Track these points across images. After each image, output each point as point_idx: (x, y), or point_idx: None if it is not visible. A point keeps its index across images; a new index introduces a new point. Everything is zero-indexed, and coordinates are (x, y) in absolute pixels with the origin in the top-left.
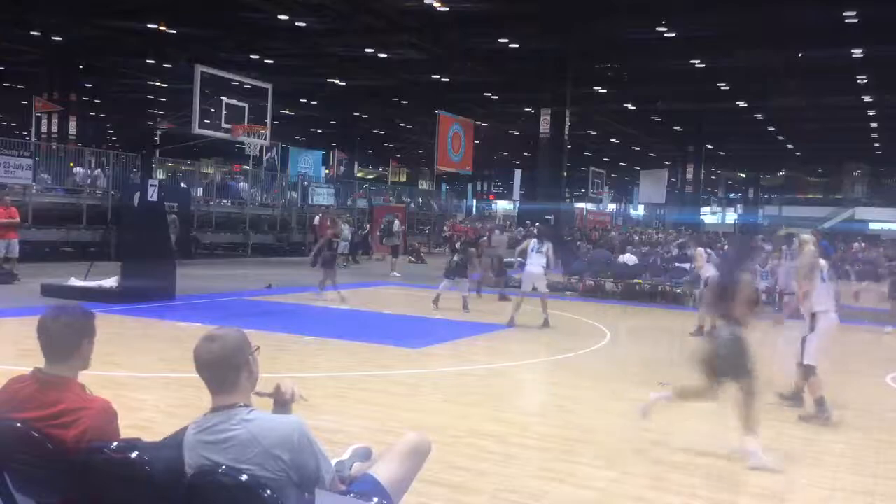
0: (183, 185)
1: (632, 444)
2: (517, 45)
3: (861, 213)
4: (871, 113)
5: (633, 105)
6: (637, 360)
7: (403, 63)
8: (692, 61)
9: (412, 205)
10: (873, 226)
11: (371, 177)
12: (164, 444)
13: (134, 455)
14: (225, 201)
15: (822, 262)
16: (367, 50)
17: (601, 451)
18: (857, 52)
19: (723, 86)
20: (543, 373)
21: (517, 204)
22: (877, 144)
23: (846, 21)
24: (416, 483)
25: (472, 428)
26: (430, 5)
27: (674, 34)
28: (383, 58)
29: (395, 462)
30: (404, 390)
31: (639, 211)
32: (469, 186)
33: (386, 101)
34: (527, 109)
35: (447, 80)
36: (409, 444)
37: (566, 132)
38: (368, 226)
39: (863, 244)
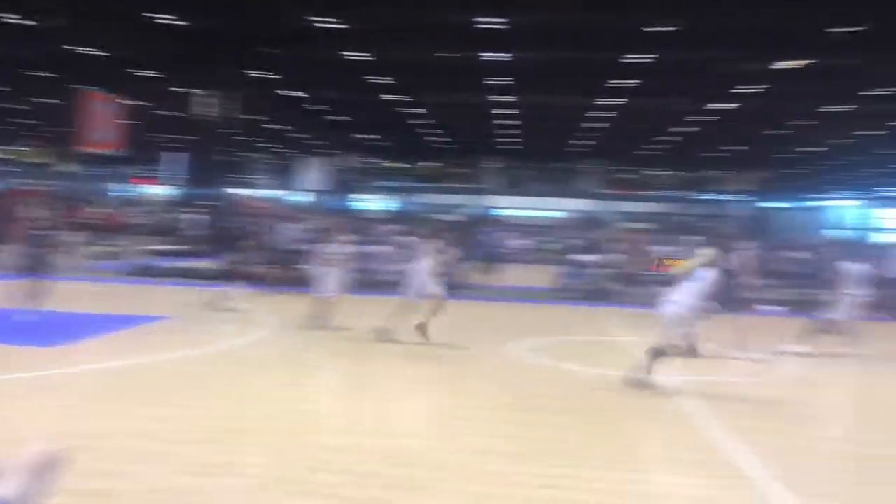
0: None
1: (290, 431)
2: (181, 22)
3: (494, 200)
4: (514, 112)
5: (298, 92)
6: (298, 348)
7: (46, 32)
8: (356, 53)
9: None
10: (503, 212)
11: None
12: None
13: None
14: None
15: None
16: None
17: (260, 439)
18: (499, 56)
19: (386, 79)
20: (203, 365)
21: (175, 189)
22: (508, 140)
23: (489, 28)
24: (58, 498)
25: (122, 428)
26: None
27: (346, 26)
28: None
29: (21, 478)
30: (39, 395)
31: (304, 198)
32: (123, 169)
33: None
34: (190, 91)
35: (101, 54)
36: (37, 457)
37: (229, 116)
38: None
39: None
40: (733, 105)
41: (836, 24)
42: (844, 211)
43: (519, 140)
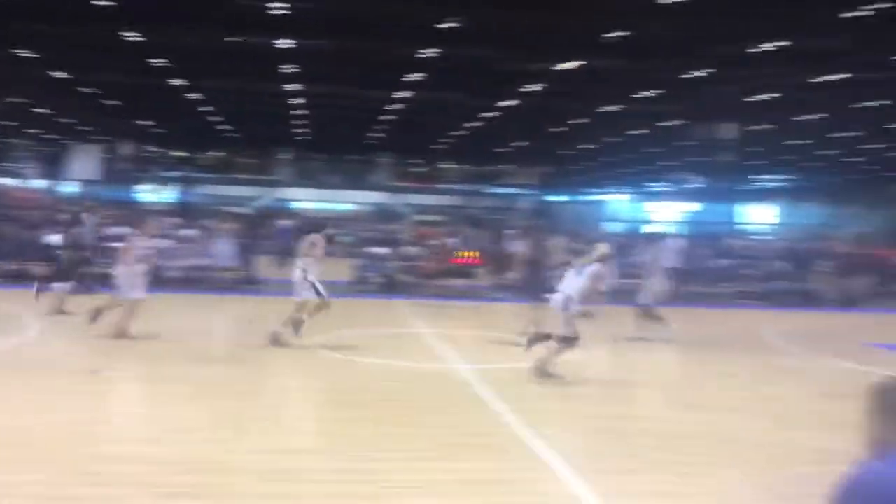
0: None
1: (63, 441)
2: None
3: (287, 192)
4: (301, 101)
5: (64, 74)
6: (82, 352)
7: None
8: (132, 34)
9: None
10: (297, 204)
11: None
12: None
13: None
14: None
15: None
16: None
17: (35, 453)
18: (287, 43)
19: (160, 62)
20: None
21: None
22: (302, 130)
23: (272, 12)
24: None
25: None
26: None
27: (120, 2)
28: None
29: None
30: None
31: (73, 188)
32: None
33: None
34: None
35: None
36: None
37: None
38: None
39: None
40: (517, 102)
41: (607, 29)
42: (621, 204)
43: (311, 131)
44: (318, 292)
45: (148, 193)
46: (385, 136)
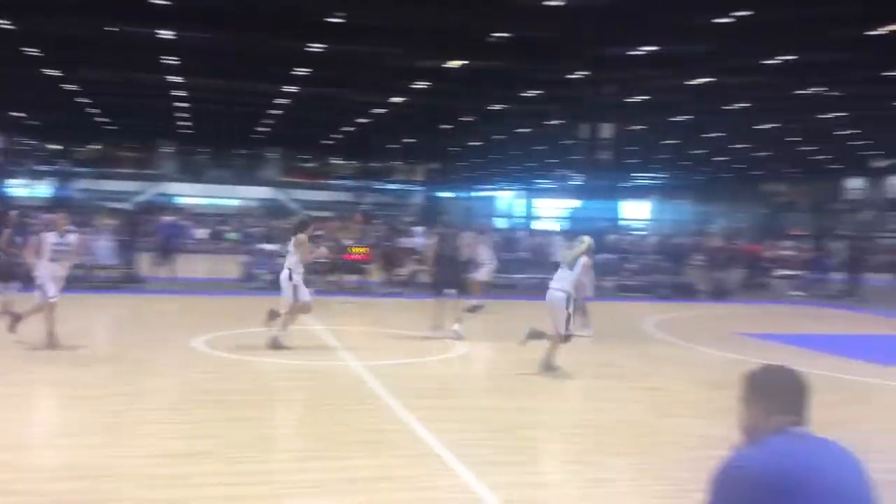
0: None
1: None
2: None
3: (170, 187)
4: (183, 94)
5: None
6: None
7: None
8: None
9: None
10: (181, 200)
11: None
12: None
13: None
14: None
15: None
16: None
17: None
18: (167, 34)
19: (33, 51)
20: None
21: None
22: (185, 124)
23: (154, 1)
24: None
25: None
26: None
27: None
28: None
29: None
30: None
31: None
32: None
33: None
34: None
35: None
36: None
37: None
38: None
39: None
40: (406, 99)
41: (494, 29)
42: (510, 201)
43: (194, 125)
44: (295, 297)
45: (20, 189)
46: (273, 130)
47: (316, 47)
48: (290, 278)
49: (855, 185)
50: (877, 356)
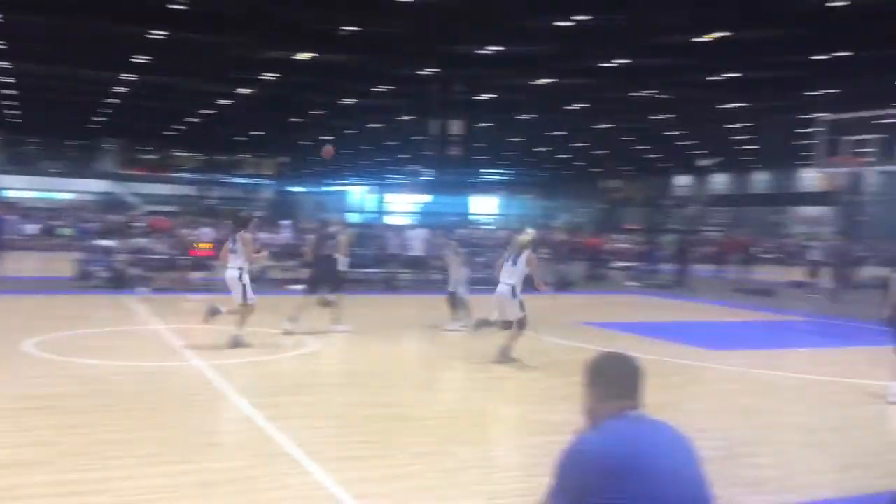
0: None
1: None
2: None
3: (3, 181)
4: (10, 80)
5: None
6: None
7: None
8: None
9: None
10: (10, 193)
11: None
12: None
13: None
14: None
15: None
16: None
17: None
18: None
19: None
20: None
21: None
22: (14, 112)
23: None
24: None
25: None
26: None
27: None
28: None
29: None
30: None
31: None
32: None
33: None
34: None
35: None
36: None
37: None
38: None
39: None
40: (253, 90)
41: (343, 23)
42: (362, 195)
43: (22, 113)
44: (245, 296)
45: None
46: (111, 120)
47: (157, 34)
48: (241, 278)
49: (682, 182)
50: (705, 342)
